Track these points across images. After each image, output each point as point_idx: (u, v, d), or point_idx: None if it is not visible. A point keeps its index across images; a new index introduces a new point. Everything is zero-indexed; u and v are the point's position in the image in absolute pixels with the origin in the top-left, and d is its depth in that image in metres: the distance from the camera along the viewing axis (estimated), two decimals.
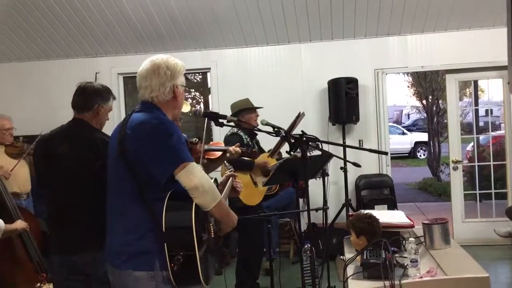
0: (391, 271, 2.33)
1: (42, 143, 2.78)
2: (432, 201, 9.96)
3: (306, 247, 2.54)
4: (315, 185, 4.99)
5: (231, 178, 2.54)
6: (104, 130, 2.72)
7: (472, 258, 2.66)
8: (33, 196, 4.80)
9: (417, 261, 2.43)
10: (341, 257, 3.44)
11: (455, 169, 6.10)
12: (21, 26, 5.96)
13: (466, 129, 8.80)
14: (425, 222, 2.91)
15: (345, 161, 5.11)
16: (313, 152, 4.27)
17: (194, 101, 10.79)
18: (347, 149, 5.65)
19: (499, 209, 5.91)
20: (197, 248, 1.98)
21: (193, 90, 10.47)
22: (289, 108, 5.49)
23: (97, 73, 6.23)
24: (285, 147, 3.44)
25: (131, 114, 2.21)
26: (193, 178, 2.00)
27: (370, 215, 2.85)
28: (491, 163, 6.26)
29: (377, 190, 6.16)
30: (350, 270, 2.60)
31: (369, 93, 6.14)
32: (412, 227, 3.01)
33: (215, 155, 3.11)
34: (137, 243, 2.05)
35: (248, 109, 4.60)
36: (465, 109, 10.11)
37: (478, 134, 7.22)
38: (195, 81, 10.24)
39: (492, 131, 8.05)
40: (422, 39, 6.04)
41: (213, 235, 2.19)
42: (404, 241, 2.77)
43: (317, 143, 2.59)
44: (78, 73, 6.15)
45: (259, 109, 4.71)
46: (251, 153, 3.82)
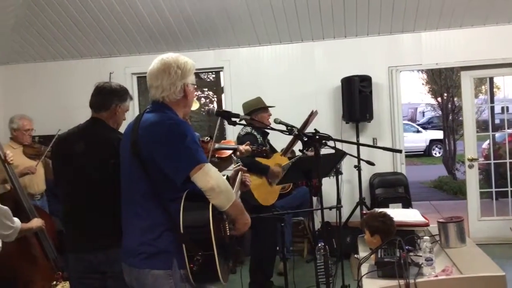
0: (406, 270, 2.31)
1: (59, 143, 2.81)
2: (447, 200, 9.86)
3: (319, 245, 2.53)
4: (328, 184, 4.98)
5: (240, 172, 2.54)
6: (120, 129, 2.74)
7: (488, 256, 2.63)
8: (48, 195, 4.86)
9: (432, 260, 2.40)
10: (355, 256, 3.42)
11: (470, 167, 6.04)
12: (36, 27, 6.03)
13: (481, 126, 8.69)
14: (440, 220, 2.88)
15: (359, 159, 5.07)
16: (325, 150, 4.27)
17: (207, 100, 10.83)
18: (361, 148, 5.62)
19: None
20: (215, 248, 2.00)
21: (206, 89, 10.50)
22: (303, 106, 5.48)
23: (111, 73, 6.28)
24: (298, 145, 3.44)
25: (143, 114, 2.22)
26: (210, 179, 2.01)
27: (384, 213, 2.84)
28: (508, 160, 6.17)
29: (391, 188, 6.12)
30: (364, 269, 2.59)
31: (383, 91, 6.10)
32: (427, 225, 2.98)
33: (225, 154, 3.12)
34: (154, 242, 2.07)
35: (261, 109, 4.60)
36: (480, 106, 9.97)
37: (494, 131, 7.13)
38: (208, 80, 10.28)
39: (508, 128, 7.95)
40: (436, 36, 5.98)
41: (228, 233, 2.20)
42: (419, 240, 2.74)
43: (330, 141, 2.57)
44: (92, 73, 6.21)
45: (272, 108, 4.71)
46: (261, 151, 3.82)
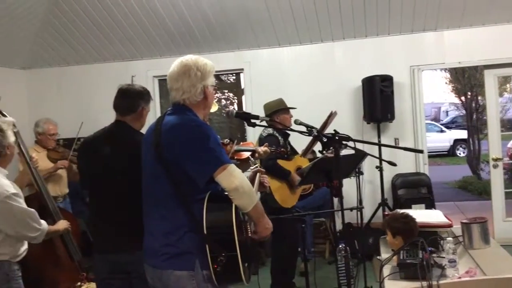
0: (429, 272, 2.29)
1: (85, 145, 2.85)
2: (472, 200, 9.70)
3: (340, 247, 2.52)
4: (350, 185, 4.95)
5: (258, 173, 2.55)
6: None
7: None
8: (71, 197, 4.94)
9: (455, 261, 2.38)
10: (378, 257, 3.40)
11: (495, 166, 5.93)
12: (60, 32, 6.14)
13: (506, 125, 8.54)
14: (464, 221, 2.85)
15: (381, 160, 5.04)
16: (346, 151, 4.24)
17: (227, 102, 10.87)
18: (383, 148, 5.57)
19: None
20: (238, 248, 2.02)
21: (227, 90, 10.54)
22: (323, 107, 5.43)
23: (133, 76, 6.35)
24: (318, 146, 3.42)
25: (164, 116, 2.24)
26: (234, 180, 2.02)
27: (406, 214, 2.81)
28: None
29: (414, 189, 6.05)
30: (386, 270, 2.57)
31: (404, 91, 6.03)
32: (450, 226, 2.95)
33: (243, 156, 3.13)
34: (177, 243, 2.09)
35: (283, 110, 4.58)
36: (505, 105, 9.83)
37: None
38: (229, 82, 10.31)
39: None
40: (459, 34, 5.89)
41: (250, 234, 2.21)
42: (442, 241, 2.71)
43: (350, 142, 2.56)
44: (115, 77, 6.28)
45: (292, 109, 4.69)
46: (280, 153, 3.82)
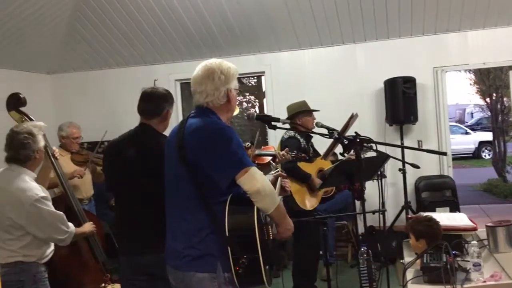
0: (453, 275, 2.26)
1: (111, 148, 2.90)
2: (498, 203, 9.51)
3: (362, 250, 2.50)
4: (372, 187, 4.90)
5: (279, 177, 2.56)
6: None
7: None
8: (95, 200, 5.00)
9: (480, 265, 2.34)
10: (401, 260, 3.36)
11: None
12: (85, 38, 6.25)
13: None
14: (489, 224, 2.80)
15: (403, 162, 4.99)
16: (368, 153, 4.21)
17: (249, 105, 10.89)
18: (406, 150, 5.52)
19: None
20: (260, 251, 2.02)
21: (248, 93, 10.56)
22: (345, 109, 5.41)
23: (155, 80, 6.42)
24: (340, 149, 3.41)
25: (187, 119, 2.26)
26: (256, 182, 2.03)
27: (429, 217, 2.78)
28: None
29: (438, 192, 5.96)
30: (409, 274, 2.54)
31: (428, 92, 5.97)
32: (474, 229, 2.90)
33: (265, 160, 3.13)
34: (199, 245, 2.11)
35: (305, 112, 4.57)
36: None
37: None
38: (250, 85, 10.33)
39: None
40: (483, 35, 5.81)
41: (271, 237, 2.22)
42: (466, 244, 2.67)
43: (371, 144, 2.55)
44: (138, 81, 6.36)
45: (314, 112, 4.68)
46: (300, 158, 3.81)
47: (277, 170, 2.65)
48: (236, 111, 3.83)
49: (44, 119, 3.22)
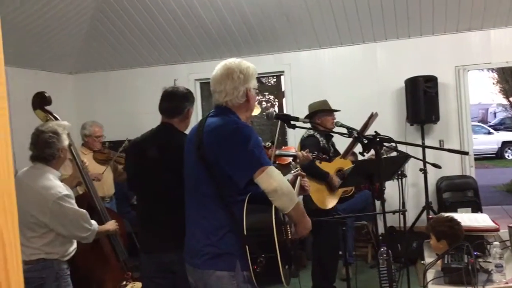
0: (474, 276, 2.23)
1: (133, 147, 2.93)
2: None
3: (382, 250, 2.49)
4: (392, 187, 4.87)
5: (299, 177, 2.56)
6: None
7: None
8: (116, 198, 5.06)
9: (502, 266, 2.31)
10: (422, 261, 3.33)
11: None
12: (106, 38, 6.34)
13: None
14: (511, 225, 2.76)
15: (425, 162, 4.94)
16: (390, 153, 4.17)
17: (268, 104, 10.89)
18: (428, 150, 5.46)
19: None
20: (278, 250, 2.03)
21: (267, 93, 10.56)
22: (365, 109, 5.38)
23: (175, 79, 6.47)
24: (359, 148, 3.40)
25: (206, 118, 2.28)
26: (273, 181, 2.03)
27: (451, 218, 2.75)
28: None
29: (460, 192, 5.88)
30: (430, 275, 2.53)
31: (449, 92, 5.90)
32: (497, 230, 2.86)
33: (285, 161, 3.13)
34: (218, 244, 2.13)
35: (324, 111, 4.55)
36: None
37: None
38: (269, 84, 10.33)
39: None
40: (506, 33, 5.71)
41: (290, 236, 2.22)
42: (488, 245, 2.64)
43: (391, 143, 2.53)
44: (158, 80, 6.43)
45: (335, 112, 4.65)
46: (321, 159, 3.79)
47: (297, 169, 2.65)
48: (257, 111, 3.84)
49: (66, 118, 3.26)
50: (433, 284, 2.43)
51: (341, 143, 4.57)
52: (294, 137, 6.10)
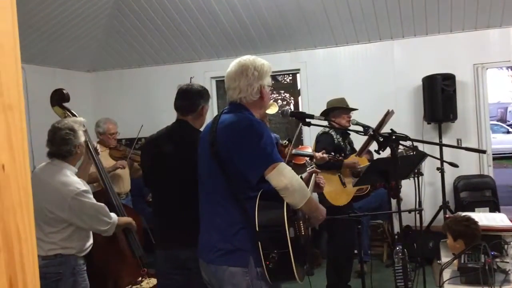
0: (491, 277, 2.21)
1: (149, 143, 2.96)
2: None
3: (397, 249, 2.47)
4: (409, 186, 4.83)
5: (313, 174, 2.56)
6: None
7: None
8: (132, 195, 5.10)
9: None
10: (438, 261, 3.30)
11: None
12: (123, 36, 6.39)
13: None
14: None
15: (442, 161, 4.88)
16: (410, 152, 4.13)
17: (284, 102, 10.88)
18: (445, 149, 5.40)
19: None
20: (290, 246, 2.03)
21: (283, 91, 10.55)
22: (382, 107, 5.32)
23: (191, 77, 6.49)
24: (374, 146, 3.37)
25: (220, 115, 2.29)
26: (283, 178, 2.04)
27: (468, 217, 2.73)
28: None
29: (477, 192, 5.81)
30: (446, 274, 2.50)
31: (467, 90, 5.82)
32: None
33: (301, 161, 3.13)
34: (232, 240, 2.14)
35: (339, 108, 4.52)
36: None
37: None
38: (285, 82, 10.31)
39: None
40: None
41: (303, 232, 2.22)
42: (506, 245, 2.60)
43: (407, 142, 2.50)
44: (174, 78, 6.44)
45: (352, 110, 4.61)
46: (336, 161, 3.77)
47: (312, 166, 2.65)
48: (274, 110, 3.84)
49: (84, 115, 3.30)
50: (449, 284, 2.40)
51: (358, 142, 4.55)
52: (309, 134, 6.08)
